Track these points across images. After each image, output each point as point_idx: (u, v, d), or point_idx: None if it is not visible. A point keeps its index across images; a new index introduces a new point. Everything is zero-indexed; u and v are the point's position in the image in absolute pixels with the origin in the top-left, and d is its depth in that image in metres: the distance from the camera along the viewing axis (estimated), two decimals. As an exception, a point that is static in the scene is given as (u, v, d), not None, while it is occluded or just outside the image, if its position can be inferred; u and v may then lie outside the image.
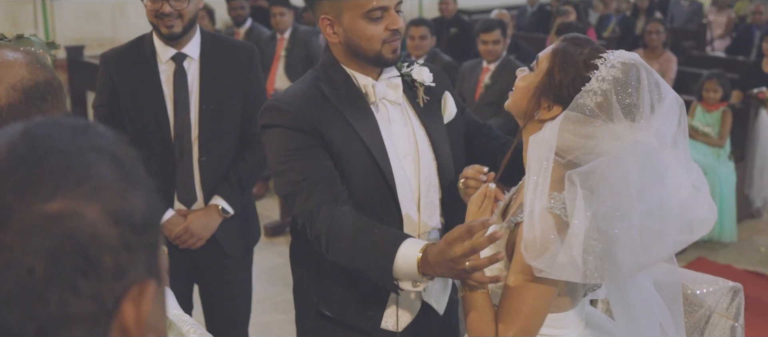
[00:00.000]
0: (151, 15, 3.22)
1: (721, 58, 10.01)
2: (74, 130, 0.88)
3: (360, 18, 2.33)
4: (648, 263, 2.12)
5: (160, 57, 3.30)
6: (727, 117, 6.50)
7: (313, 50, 7.62)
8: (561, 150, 2.08)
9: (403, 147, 2.46)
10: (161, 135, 3.28)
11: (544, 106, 2.15)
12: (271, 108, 2.44)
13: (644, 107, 2.03)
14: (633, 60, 2.09)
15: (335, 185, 2.37)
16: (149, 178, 0.92)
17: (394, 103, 2.47)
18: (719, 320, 2.60)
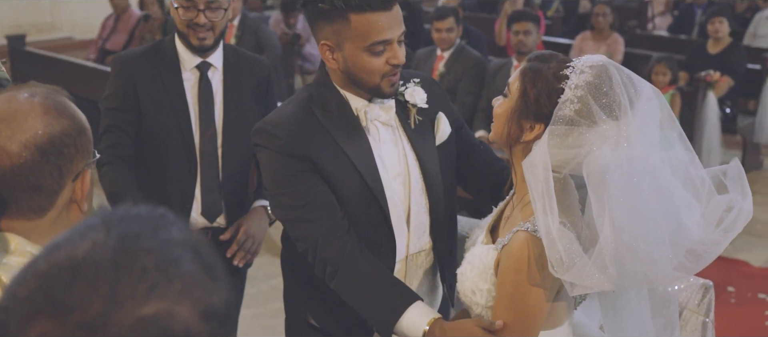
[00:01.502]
0: (182, 24, 3.09)
1: (665, 38, 10.18)
2: (154, 224, 0.89)
3: (361, 50, 2.29)
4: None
5: (183, 64, 3.19)
6: (676, 100, 6.61)
7: (262, 37, 7.54)
8: (556, 166, 2.10)
9: (393, 168, 2.45)
10: (185, 144, 3.16)
11: (526, 127, 2.16)
12: (263, 131, 2.41)
13: (623, 103, 2.06)
14: (601, 61, 2.11)
15: (336, 212, 2.37)
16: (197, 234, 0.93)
17: (386, 124, 2.46)
18: (691, 316, 2.67)
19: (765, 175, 7.70)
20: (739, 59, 7.57)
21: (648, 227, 2.03)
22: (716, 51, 7.68)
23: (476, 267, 2.23)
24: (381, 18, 2.26)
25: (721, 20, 7.69)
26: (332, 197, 2.39)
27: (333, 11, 2.26)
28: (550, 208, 2.06)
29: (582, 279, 2.01)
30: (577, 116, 2.06)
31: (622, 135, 2.05)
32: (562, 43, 8.85)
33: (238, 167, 3.27)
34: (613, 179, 2.02)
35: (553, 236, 2.03)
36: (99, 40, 9.14)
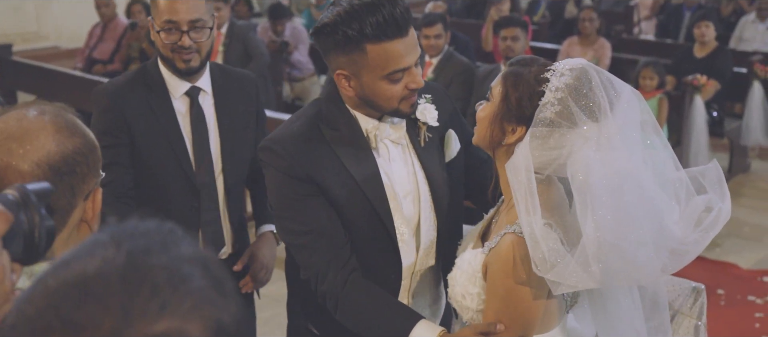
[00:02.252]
0: (165, 48, 2.91)
1: (652, 43, 10.22)
2: (163, 239, 0.89)
3: (380, 78, 2.24)
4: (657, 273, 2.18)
5: (172, 91, 3.01)
6: (663, 104, 6.64)
7: (251, 45, 7.53)
8: (538, 167, 2.12)
9: (403, 186, 2.43)
10: (184, 175, 3.01)
11: (509, 130, 2.18)
12: (268, 149, 2.37)
13: (603, 105, 2.08)
14: (580, 64, 2.13)
15: (339, 239, 2.36)
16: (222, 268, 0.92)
17: (396, 142, 2.43)
18: (683, 320, 2.68)
19: (752, 178, 7.74)
20: (725, 63, 7.61)
21: (631, 226, 2.04)
22: (703, 55, 7.72)
23: (465, 271, 2.24)
24: (398, 46, 2.21)
25: (707, 24, 7.74)
26: (337, 221, 2.36)
27: (348, 42, 2.20)
28: (533, 209, 2.08)
29: (565, 278, 2.02)
30: (557, 118, 2.08)
31: (602, 136, 2.07)
32: (549, 48, 8.87)
33: (239, 193, 3.21)
34: (596, 180, 2.05)
35: (536, 236, 2.05)
36: (86, 49, 9.12)
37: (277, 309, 3.48)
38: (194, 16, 2.87)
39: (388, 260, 2.44)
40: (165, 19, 2.87)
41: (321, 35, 2.26)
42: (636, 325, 2.27)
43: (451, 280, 2.30)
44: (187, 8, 2.86)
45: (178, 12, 2.85)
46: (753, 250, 6.05)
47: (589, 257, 2.02)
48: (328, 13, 2.24)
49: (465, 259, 2.27)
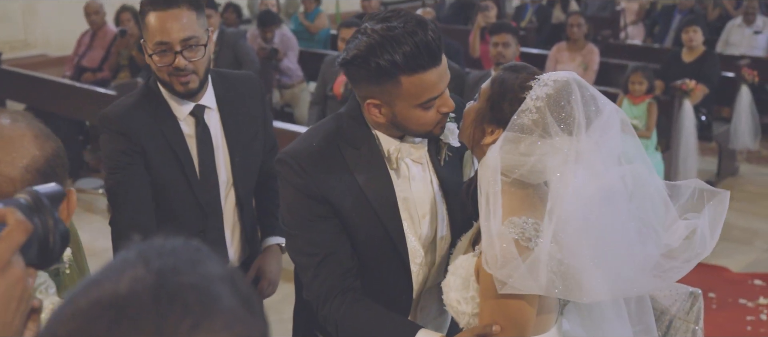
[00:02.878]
0: (162, 72, 2.78)
1: (639, 48, 10.29)
2: (191, 258, 0.89)
3: (414, 107, 2.21)
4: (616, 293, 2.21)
5: (176, 113, 2.91)
6: (653, 109, 6.67)
7: (240, 52, 7.55)
8: (505, 169, 2.15)
9: (422, 206, 2.42)
10: (193, 197, 2.95)
11: (488, 131, 2.22)
12: (286, 164, 2.33)
13: (579, 120, 2.11)
14: (566, 77, 2.16)
15: (345, 265, 2.35)
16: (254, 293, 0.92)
17: (417, 162, 2.41)
18: (681, 325, 2.70)
19: (741, 181, 7.79)
20: (713, 67, 7.66)
21: (588, 246, 2.08)
22: (691, 59, 7.76)
23: (459, 276, 2.26)
24: (432, 75, 2.18)
25: (695, 29, 7.78)
26: (347, 245, 2.36)
27: (381, 74, 2.15)
28: (495, 209, 2.12)
29: (513, 280, 2.05)
30: (532, 126, 2.11)
31: (572, 150, 2.10)
32: (537, 53, 8.92)
33: (250, 202, 3.17)
34: (566, 194, 2.08)
35: (491, 236, 2.09)
36: (75, 57, 9.08)
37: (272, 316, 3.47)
38: (186, 35, 2.74)
39: (400, 282, 2.44)
40: (156, 41, 2.74)
41: (352, 66, 2.20)
42: (621, 330, 2.30)
43: (446, 287, 2.31)
44: (179, 27, 2.73)
45: (170, 32, 2.72)
46: (743, 253, 6.08)
47: (540, 266, 2.05)
48: (357, 42, 2.17)
49: (458, 264, 2.29)
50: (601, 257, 2.10)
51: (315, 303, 2.36)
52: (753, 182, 7.78)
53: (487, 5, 8.50)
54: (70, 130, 8.26)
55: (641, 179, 2.24)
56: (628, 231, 2.18)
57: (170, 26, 2.72)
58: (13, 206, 1.18)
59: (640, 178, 2.24)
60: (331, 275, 2.34)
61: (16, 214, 1.13)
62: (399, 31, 2.11)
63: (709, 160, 7.97)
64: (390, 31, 2.12)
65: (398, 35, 2.11)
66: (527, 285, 2.05)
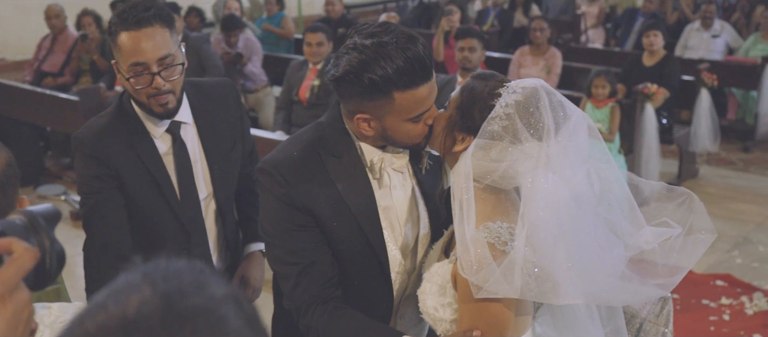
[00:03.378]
0: (140, 94, 2.70)
1: (600, 51, 10.39)
2: (196, 280, 0.89)
3: (404, 121, 2.22)
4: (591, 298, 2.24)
5: (151, 131, 2.85)
6: (615, 112, 6.75)
7: (204, 57, 7.51)
8: (477, 175, 2.19)
9: (403, 214, 2.44)
10: (174, 216, 2.89)
11: (459, 138, 2.26)
12: (267, 174, 2.32)
13: (549, 125, 2.15)
14: (533, 84, 2.21)
15: (326, 274, 2.35)
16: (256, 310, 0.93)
17: (398, 171, 2.41)
18: (651, 328, 2.75)
19: (701, 183, 7.90)
20: (673, 71, 7.77)
21: (561, 250, 2.12)
22: (651, 63, 7.87)
23: (435, 284, 2.28)
24: (423, 90, 2.19)
25: (655, 34, 7.89)
26: (328, 255, 2.36)
27: (374, 90, 2.15)
28: (468, 215, 2.15)
29: (488, 284, 2.07)
30: (502, 132, 2.15)
31: (543, 155, 2.14)
32: (500, 57, 8.97)
33: (231, 209, 3.13)
34: (539, 199, 2.12)
35: (466, 241, 2.12)
36: (35, 62, 8.99)
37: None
38: (162, 53, 2.65)
39: (380, 291, 2.45)
40: (132, 62, 2.64)
41: (343, 82, 2.18)
42: (593, 332, 2.34)
43: (422, 294, 2.32)
44: (154, 46, 2.64)
45: (145, 52, 2.63)
46: (706, 254, 6.08)
47: (514, 270, 2.08)
48: (348, 58, 2.16)
49: (433, 271, 2.31)
50: (574, 260, 2.13)
51: (296, 312, 2.36)
52: (713, 184, 7.90)
53: (451, 9, 8.54)
54: (31, 136, 8.17)
55: (608, 182, 2.29)
56: (597, 235, 2.22)
57: (145, 46, 2.63)
58: (8, 227, 1.18)
59: (607, 180, 2.29)
60: (312, 284, 2.33)
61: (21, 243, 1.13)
62: (391, 46, 2.11)
63: (670, 163, 8.07)
64: (382, 47, 2.11)
65: (390, 51, 2.11)
66: (503, 289, 2.08)
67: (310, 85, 6.91)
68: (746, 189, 7.74)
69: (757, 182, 7.99)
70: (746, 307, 5.39)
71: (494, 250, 2.11)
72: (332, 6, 9.70)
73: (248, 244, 3.22)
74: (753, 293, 5.56)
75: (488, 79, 2.26)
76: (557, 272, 2.11)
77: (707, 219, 2.35)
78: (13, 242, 1.13)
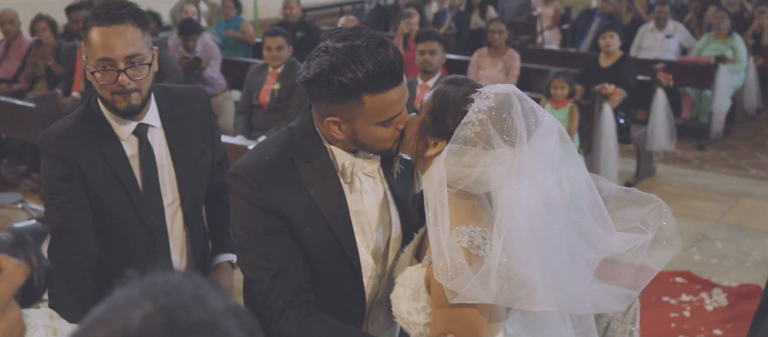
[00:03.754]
0: (104, 90, 2.69)
1: (557, 52, 10.48)
2: (195, 291, 0.89)
3: (374, 125, 2.23)
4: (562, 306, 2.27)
5: (118, 133, 2.83)
6: (574, 113, 6.82)
7: (163, 62, 7.41)
8: (451, 181, 2.20)
9: (375, 219, 2.43)
10: (140, 220, 2.86)
11: (431, 143, 2.26)
12: (239, 178, 2.31)
13: (521, 131, 2.16)
14: (506, 90, 2.22)
15: (299, 279, 2.34)
16: None
17: (369, 175, 2.41)
18: (618, 327, 2.79)
19: (658, 181, 8.02)
20: (629, 72, 7.87)
21: (535, 256, 2.13)
22: (608, 64, 7.96)
23: (409, 288, 2.28)
24: (394, 94, 2.20)
25: (612, 35, 7.99)
26: (300, 260, 2.35)
27: (344, 93, 2.15)
28: (442, 220, 2.16)
29: (464, 290, 2.09)
30: (475, 138, 2.16)
31: (515, 161, 2.15)
32: (458, 59, 9.02)
33: (200, 217, 3.10)
34: (514, 206, 2.14)
35: (441, 247, 2.13)
36: (-11, 68, 8.85)
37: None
38: (131, 52, 2.65)
39: (352, 295, 2.45)
40: (99, 57, 2.64)
41: (313, 84, 2.19)
42: (564, 332, 2.37)
43: (395, 299, 2.32)
44: (123, 43, 2.63)
45: (114, 48, 2.62)
46: (664, 251, 6.24)
47: (491, 276, 2.09)
48: (319, 60, 2.16)
49: (406, 275, 2.31)
50: (546, 267, 2.15)
51: (269, 317, 2.35)
52: (670, 182, 8.02)
53: (410, 12, 8.56)
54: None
55: (579, 186, 2.31)
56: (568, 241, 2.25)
57: (114, 43, 2.63)
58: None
59: (577, 185, 2.31)
60: (285, 289, 2.33)
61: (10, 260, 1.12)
62: (362, 50, 2.12)
63: (628, 162, 8.18)
64: (353, 50, 2.12)
65: (361, 54, 2.12)
66: (478, 295, 2.09)
67: (271, 89, 6.89)
68: (703, 187, 7.87)
69: (712, 179, 8.13)
70: (706, 303, 5.48)
71: (468, 254, 2.12)
72: (290, 9, 9.65)
73: (217, 255, 3.18)
74: (712, 289, 5.65)
75: (461, 84, 2.27)
76: (532, 278, 2.12)
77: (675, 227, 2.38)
78: (2, 259, 1.12)
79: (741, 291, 5.62)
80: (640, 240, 2.34)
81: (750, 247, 6.37)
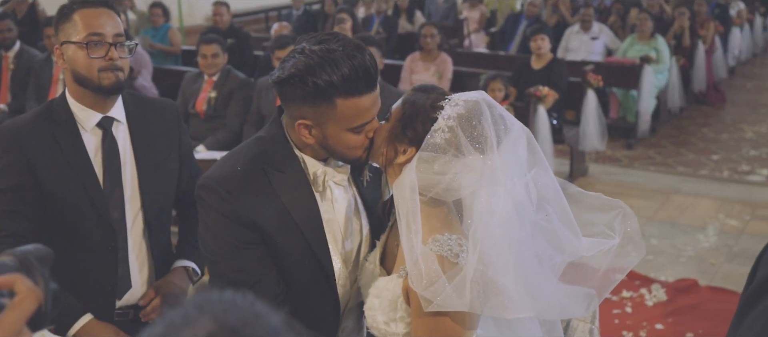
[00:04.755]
0: (91, 66, 2.71)
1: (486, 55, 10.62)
2: (252, 308, 0.90)
3: (345, 130, 2.21)
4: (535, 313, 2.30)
5: (81, 124, 2.82)
6: (510, 115, 6.89)
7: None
8: (422, 188, 2.20)
9: (345, 227, 2.42)
10: (97, 214, 2.81)
11: (400, 150, 2.26)
12: (210, 189, 2.29)
13: (491, 139, 2.17)
14: (475, 97, 2.23)
15: (271, 287, 2.31)
16: None
17: (339, 184, 2.41)
18: (579, 325, 2.84)
19: (591, 180, 8.17)
20: (561, 73, 8.00)
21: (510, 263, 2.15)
22: (539, 67, 8.08)
23: (385, 299, 2.27)
24: (367, 100, 2.20)
25: (542, 37, 8.11)
26: (273, 272, 2.33)
27: (317, 94, 2.15)
28: (415, 228, 2.16)
29: (439, 299, 2.09)
30: (445, 145, 2.16)
31: (486, 167, 2.16)
32: (389, 64, 9.01)
33: (163, 226, 3.04)
34: (490, 216, 2.15)
35: (415, 255, 2.13)
36: None
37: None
38: (118, 31, 2.77)
39: (327, 305, 2.44)
40: (90, 32, 2.71)
41: (287, 85, 2.18)
42: (532, 329, 2.40)
43: (371, 310, 2.30)
44: (112, 23, 2.76)
45: (103, 25, 2.73)
46: (601, 248, 6.36)
47: (466, 285, 2.10)
48: (295, 61, 2.16)
49: (380, 287, 2.29)
50: (520, 273, 2.17)
51: None
52: (602, 181, 8.17)
53: (343, 18, 8.55)
54: None
55: (546, 191, 2.34)
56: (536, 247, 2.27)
57: (104, 21, 2.74)
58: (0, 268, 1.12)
59: (544, 190, 2.34)
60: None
61: (25, 282, 1.08)
62: (338, 53, 2.12)
63: (562, 162, 8.32)
64: (329, 53, 2.12)
65: (337, 57, 2.12)
66: (453, 303, 2.09)
67: (207, 97, 6.80)
68: (633, 185, 8.06)
69: (642, 177, 8.32)
70: (646, 298, 5.60)
71: (446, 262, 2.13)
72: (220, 16, 9.54)
73: (177, 260, 3.12)
74: (651, 285, 5.78)
75: (429, 91, 2.27)
76: (507, 286, 2.13)
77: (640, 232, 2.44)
78: (18, 280, 1.08)
79: (678, 286, 5.76)
80: (607, 245, 2.38)
81: (683, 242, 6.54)
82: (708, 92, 11.65)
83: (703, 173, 8.52)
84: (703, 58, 11.35)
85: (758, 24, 15.74)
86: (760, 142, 9.70)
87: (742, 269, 6.09)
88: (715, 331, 5.21)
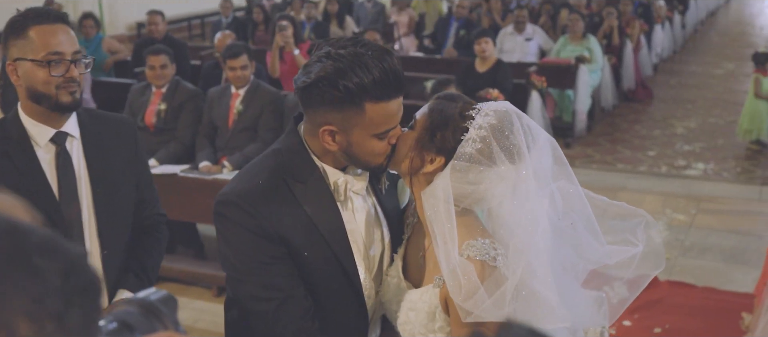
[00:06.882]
0: (50, 84, 2.68)
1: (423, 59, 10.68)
2: None
3: (371, 136, 2.18)
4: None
5: (34, 140, 2.79)
6: (462, 119, 6.93)
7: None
8: (455, 198, 2.20)
9: (369, 236, 2.40)
10: (55, 231, 2.72)
11: (428, 159, 2.24)
12: (233, 205, 2.23)
13: (522, 148, 2.19)
14: (504, 107, 2.24)
15: (301, 302, 2.27)
16: None
17: (358, 193, 2.37)
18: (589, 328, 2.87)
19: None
20: (506, 76, 8.11)
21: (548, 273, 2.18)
22: (484, 69, 8.17)
23: (422, 311, 2.25)
24: (394, 105, 2.16)
25: (486, 41, 8.21)
26: (302, 286, 2.28)
27: (346, 98, 2.10)
28: (451, 238, 2.15)
29: (480, 311, 2.09)
30: (478, 155, 2.17)
31: (519, 178, 2.18)
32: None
33: (116, 247, 2.94)
34: (531, 228, 2.17)
35: (452, 265, 2.12)
36: None
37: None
38: (76, 47, 2.75)
39: (354, 316, 2.40)
40: (50, 51, 2.68)
41: (315, 89, 2.12)
42: None
43: (406, 324, 2.28)
44: (70, 40, 2.74)
45: (62, 43, 2.71)
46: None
47: (507, 297, 2.10)
48: (323, 65, 2.11)
49: (414, 299, 2.27)
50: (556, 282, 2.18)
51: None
52: (549, 180, 8.27)
53: (284, 25, 8.45)
54: None
55: (571, 200, 2.35)
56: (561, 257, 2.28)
57: (62, 39, 2.72)
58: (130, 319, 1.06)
59: (569, 199, 2.35)
60: (292, 319, 2.25)
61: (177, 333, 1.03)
62: (368, 57, 2.09)
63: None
64: (359, 57, 2.09)
65: (367, 61, 2.09)
66: (492, 314, 2.09)
67: (156, 109, 6.65)
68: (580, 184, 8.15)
69: (586, 176, 8.45)
70: (611, 296, 5.68)
71: (485, 267, 2.12)
72: (155, 25, 9.28)
73: (119, 289, 2.98)
74: (613, 282, 5.86)
75: (456, 100, 2.26)
76: (548, 296, 2.14)
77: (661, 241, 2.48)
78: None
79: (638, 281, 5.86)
80: (630, 252, 2.41)
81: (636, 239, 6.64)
82: (636, 90, 11.94)
83: (642, 169, 8.72)
84: (631, 56, 11.64)
85: (677, 21, 16.22)
86: (690, 137, 9.98)
87: (697, 263, 6.26)
88: (682, 324, 5.34)
